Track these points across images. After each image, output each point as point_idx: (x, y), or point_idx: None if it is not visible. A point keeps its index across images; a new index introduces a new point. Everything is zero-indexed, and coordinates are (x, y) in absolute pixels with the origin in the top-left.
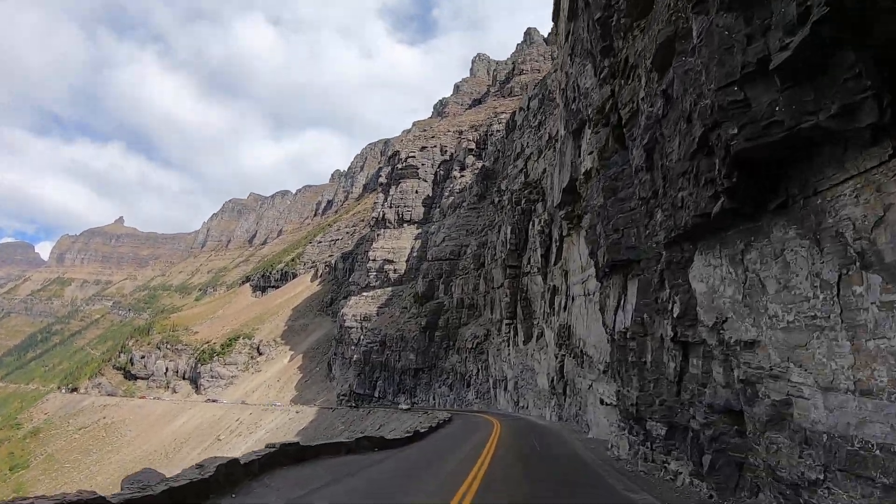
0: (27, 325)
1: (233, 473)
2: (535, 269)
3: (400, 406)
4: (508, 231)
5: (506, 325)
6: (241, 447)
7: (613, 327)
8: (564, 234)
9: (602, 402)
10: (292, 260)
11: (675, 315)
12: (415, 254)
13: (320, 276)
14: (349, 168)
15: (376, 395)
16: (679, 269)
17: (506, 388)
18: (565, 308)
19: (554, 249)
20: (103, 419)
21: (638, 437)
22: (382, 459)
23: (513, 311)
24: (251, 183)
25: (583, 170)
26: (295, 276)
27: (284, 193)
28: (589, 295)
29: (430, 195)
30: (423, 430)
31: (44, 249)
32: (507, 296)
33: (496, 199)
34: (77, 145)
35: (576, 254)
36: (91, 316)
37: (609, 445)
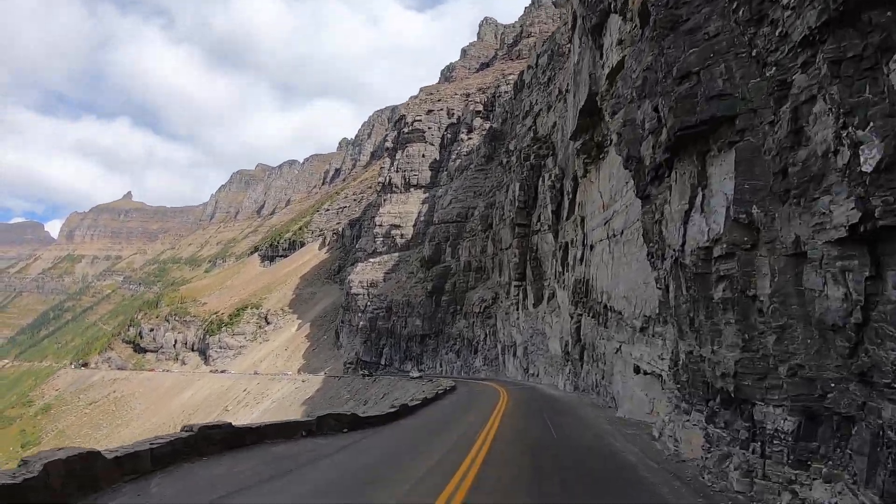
0: (39, 303)
1: (86, 473)
2: (546, 227)
3: (410, 374)
4: (517, 188)
5: (515, 287)
6: (247, 418)
7: (682, 247)
8: (581, 174)
9: (638, 370)
10: (300, 229)
11: (860, 172)
12: (422, 218)
13: (328, 244)
14: (356, 136)
15: (383, 362)
16: (863, 70)
17: (515, 354)
18: (582, 260)
19: (566, 204)
20: (113, 393)
21: (729, 432)
22: (345, 447)
23: (522, 272)
24: (259, 154)
25: (607, 70)
26: (303, 244)
27: (292, 163)
28: (615, 236)
29: (438, 159)
30: (413, 404)
31: (53, 228)
32: (515, 256)
33: (504, 160)
34: (83, 123)
35: (595, 193)
36: (102, 291)
37: (656, 434)
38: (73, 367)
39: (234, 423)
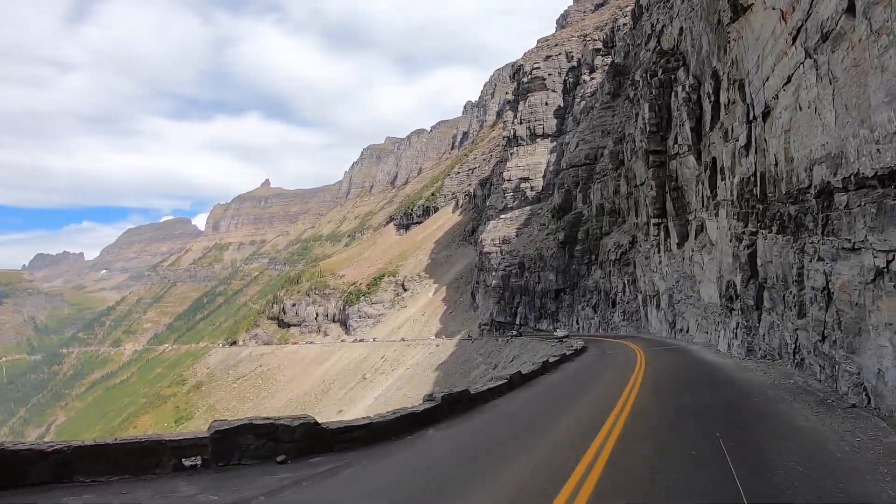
0: (193, 290)
1: None
2: (686, 148)
3: (555, 333)
4: (646, 111)
5: (654, 226)
6: (383, 385)
7: None
8: (727, 18)
9: None
10: (432, 195)
11: None
12: (551, 168)
13: (461, 206)
14: (480, 97)
15: (517, 321)
16: None
17: (658, 306)
18: (748, 147)
19: (707, 115)
20: (259, 367)
21: None
22: None
23: (661, 207)
24: (388, 127)
25: None
26: (436, 209)
27: (420, 132)
28: (824, 41)
29: (562, 105)
30: (485, 389)
31: (200, 221)
32: (652, 189)
33: (631, 94)
34: (216, 122)
35: (760, 19)
36: (250, 274)
37: None
38: (222, 346)
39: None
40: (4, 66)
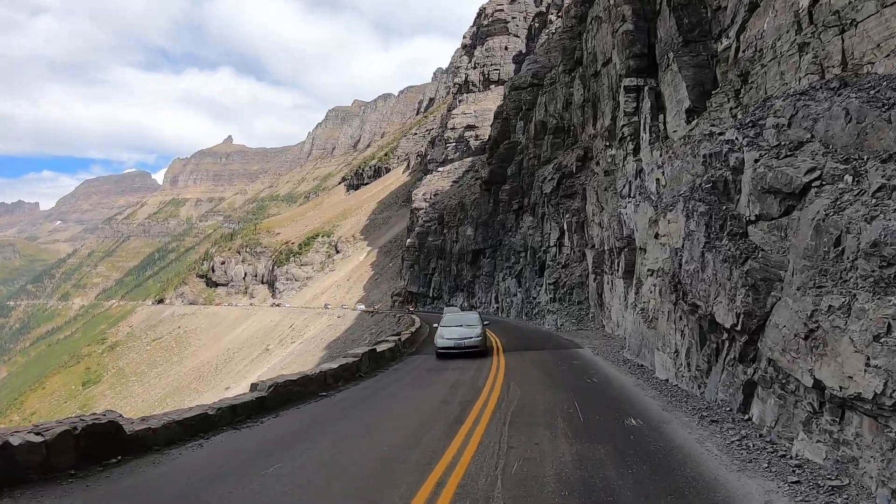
0: (146, 245)
1: None
2: None
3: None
4: None
5: (628, 96)
6: (274, 360)
7: None
8: None
9: None
10: (385, 155)
11: None
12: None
13: (411, 167)
14: (450, 63)
15: (431, 293)
16: None
17: (623, 272)
18: None
19: None
20: (178, 329)
21: None
22: None
23: (645, 50)
24: (360, 93)
25: None
26: (388, 170)
27: (387, 97)
28: None
29: (524, 51)
30: None
31: (161, 176)
32: (626, 22)
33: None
34: (187, 76)
35: None
36: (204, 231)
37: None
38: (150, 304)
39: None
40: None
